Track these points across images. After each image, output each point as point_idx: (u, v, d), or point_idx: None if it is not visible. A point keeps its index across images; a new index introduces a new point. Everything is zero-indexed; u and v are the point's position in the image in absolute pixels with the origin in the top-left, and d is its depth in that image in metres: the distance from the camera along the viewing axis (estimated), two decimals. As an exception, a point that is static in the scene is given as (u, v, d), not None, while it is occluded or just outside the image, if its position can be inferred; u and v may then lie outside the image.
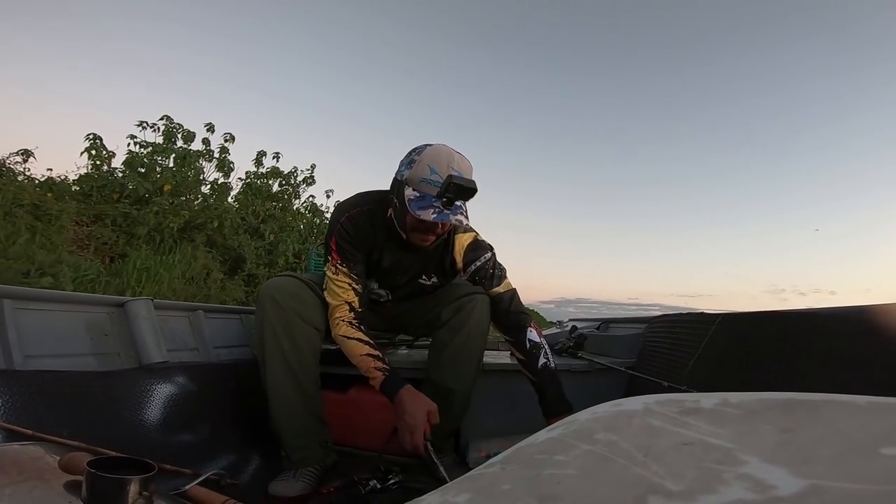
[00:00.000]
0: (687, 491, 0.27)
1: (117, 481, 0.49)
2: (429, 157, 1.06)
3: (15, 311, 1.00)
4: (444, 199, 1.02)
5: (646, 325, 1.75)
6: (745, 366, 1.12)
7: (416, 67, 14.18)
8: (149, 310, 1.24)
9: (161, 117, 4.82)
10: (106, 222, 3.92)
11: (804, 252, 48.19)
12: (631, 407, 0.40)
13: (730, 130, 16.83)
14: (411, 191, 1.06)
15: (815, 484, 0.25)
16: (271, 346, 1.11)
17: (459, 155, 1.09)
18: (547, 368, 1.20)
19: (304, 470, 1.12)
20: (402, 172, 1.10)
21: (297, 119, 12.58)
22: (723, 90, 15.08)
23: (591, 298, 28.10)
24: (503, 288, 1.26)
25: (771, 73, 15.00)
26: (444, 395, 1.18)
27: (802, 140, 17.59)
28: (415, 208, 1.05)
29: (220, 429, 1.30)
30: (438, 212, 1.04)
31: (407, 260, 1.23)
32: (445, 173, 1.04)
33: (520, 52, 14.10)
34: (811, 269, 49.06)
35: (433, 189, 1.04)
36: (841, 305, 0.96)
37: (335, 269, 1.15)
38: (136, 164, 4.45)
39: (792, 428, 0.31)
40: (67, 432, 0.78)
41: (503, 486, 0.35)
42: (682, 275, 53.00)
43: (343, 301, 1.14)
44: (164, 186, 4.31)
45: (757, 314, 1.18)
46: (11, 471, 0.55)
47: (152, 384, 1.18)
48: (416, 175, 1.06)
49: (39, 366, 0.99)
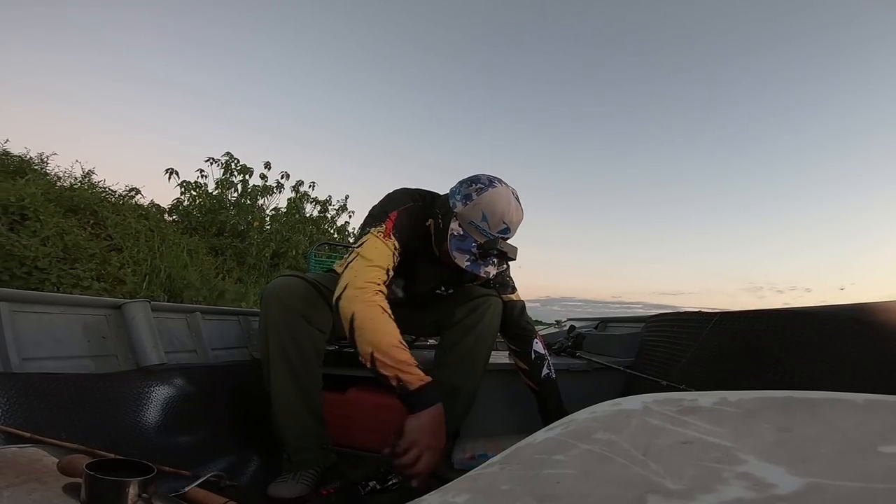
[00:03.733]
0: (686, 490, 0.27)
1: (116, 483, 0.49)
2: (486, 202, 1.04)
3: (12, 314, 0.99)
4: (483, 251, 1.04)
5: (644, 325, 1.75)
6: (744, 364, 1.13)
7: (414, 68, 14.25)
8: (146, 312, 1.24)
9: (224, 153, 5.75)
10: (226, 254, 4.99)
11: (780, 250, 48.52)
12: (630, 406, 0.40)
13: (708, 130, 17.00)
14: (457, 226, 1.06)
15: (814, 482, 0.25)
16: (275, 348, 1.10)
17: (517, 205, 1.08)
18: (549, 379, 1.23)
19: (303, 472, 1.12)
20: (456, 203, 1.08)
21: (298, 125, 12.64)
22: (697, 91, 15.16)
23: (576, 297, 28.27)
24: (515, 297, 1.29)
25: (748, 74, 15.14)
26: (449, 394, 1.18)
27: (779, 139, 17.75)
28: (453, 248, 1.05)
29: (219, 430, 1.30)
30: (473, 261, 1.05)
31: (432, 271, 1.23)
32: (496, 226, 1.04)
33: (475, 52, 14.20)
34: (787, 267, 49.48)
35: (478, 236, 1.05)
36: (838, 304, 0.97)
37: (384, 234, 1.05)
38: (227, 201, 5.59)
39: (790, 426, 0.31)
40: (66, 434, 0.77)
41: (502, 486, 0.35)
42: (662, 273, 53.35)
43: (382, 266, 1.01)
44: (255, 223, 5.45)
45: (755, 312, 1.18)
46: (9, 473, 0.54)
47: (150, 386, 1.18)
48: (468, 215, 1.05)
49: (37, 368, 0.99)
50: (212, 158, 5.60)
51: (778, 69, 14.91)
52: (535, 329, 1.28)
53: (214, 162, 5.62)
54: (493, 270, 1.08)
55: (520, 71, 15.88)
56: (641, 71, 15.34)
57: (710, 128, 17.24)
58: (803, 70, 13.99)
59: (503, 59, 15.75)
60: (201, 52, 10.62)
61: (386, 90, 14.74)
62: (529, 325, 1.28)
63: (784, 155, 19.06)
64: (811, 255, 45.60)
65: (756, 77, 15.14)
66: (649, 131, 18.56)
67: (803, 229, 35.37)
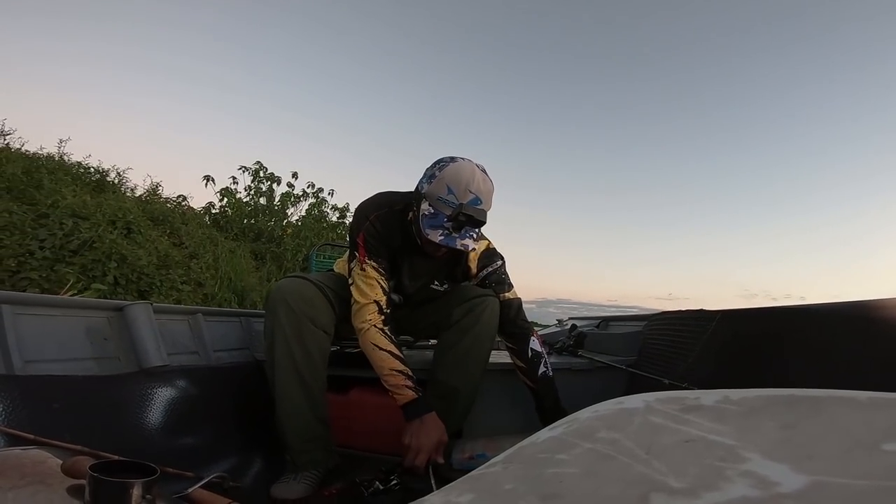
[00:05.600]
0: (690, 488, 0.27)
1: (120, 485, 0.49)
2: (449, 175, 1.05)
3: (15, 317, 1.00)
4: (453, 222, 1.03)
5: (646, 323, 1.75)
6: (746, 362, 1.12)
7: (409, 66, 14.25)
8: (148, 314, 1.24)
9: (255, 162, 6.30)
10: (265, 258, 5.47)
11: (775, 257, 48.15)
12: (632, 405, 0.40)
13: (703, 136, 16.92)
14: (427, 206, 1.07)
15: (818, 480, 0.25)
16: (282, 351, 1.10)
17: (482, 175, 1.08)
18: (546, 377, 1.22)
19: (305, 473, 1.12)
20: (423, 185, 1.10)
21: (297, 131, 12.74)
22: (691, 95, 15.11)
23: (572, 300, 28.32)
24: (511, 295, 1.28)
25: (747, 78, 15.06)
26: (449, 395, 1.18)
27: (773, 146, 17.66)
28: (425, 226, 1.06)
29: (222, 431, 1.30)
30: (446, 235, 1.05)
31: (422, 265, 1.23)
32: (462, 196, 1.04)
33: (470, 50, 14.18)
34: (782, 274, 49.03)
35: (447, 209, 1.05)
36: (840, 301, 0.97)
37: (362, 265, 1.14)
38: (262, 209, 6.17)
39: (794, 424, 0.31)
40: (69, 436, 0.78)
41: (506, 485, 0.35)
42: (658, 278, 52.92)
43: (372, 300, 1.12)
44: (288, 230, 5.90)
45: (757, 310, 1.18)
46: (13, 475, 0.55)
47: (153, 388, 1.18)
48: (434, 192, 1.06)
49: (40, 371, 0.99)
50: (244, 167, 6.22)
51: (775, 74, 14.90)
52: (531, 327, 1.27)
53: (246, 170, 6.25)
54: (470, 243, 1.07)
55: (518, 71, 15.87)
56: (641, 72, 15.31)
57: (709, 133, 17.21)
58: (800, 73, 13.96)
59: (503, 60, 15.75)
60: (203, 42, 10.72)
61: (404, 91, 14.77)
62: (526, 324, 1.27)
63: (780, 161, 19.01)
64: (806, 262, 45.34)
65: (754, 81, 15.12)
66: (649, 136, 18.53)
67: (798, 236, 35.17)
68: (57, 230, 3.11)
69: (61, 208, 3.33)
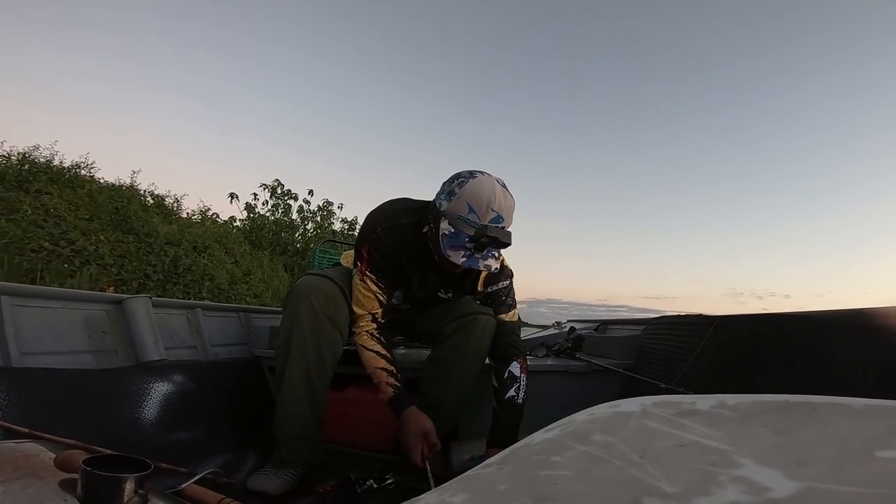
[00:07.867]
0: (682, 493, 0.27)
1: (113, 479, 0.49)
2: (469, 193, 1.01)
3: (13, 308, 1.00)
4: (476, 243, 1.01)
5: (643, 327, 1.75)
6: (742, 368, 1.12)
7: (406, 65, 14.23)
8: (147, 307, 1.24)
9: (273, 180, 7.23)
10: (294, 270, 6.26)
11: (760, 257, 48.26)
12: (628, 408, 0.40)
13: (695, 138, 16.83)
14: (447, 224, 1.03)
15: (810, 486, 0.25)
16: (296, 351, 1.10)
17: (503, 191, 1.04)
18: (512, 402, 1.19)
19: (288, 469, 1.11)
20: (441, 202, 1.05)
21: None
22: (686, 97, 15.10)
23: (562, 299, 28.26)
24: (508, 317, 1.26)
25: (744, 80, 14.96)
26: (433, 406, 1.20)
27: (763, 148, 17.56)
28: (446, 246, 1.03)
29: (217, 427, 1.30)
30: (468, 256, 1.02)
31: (432, 277, 1.22)
32: (484, 215, 1.00)
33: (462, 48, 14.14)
34: (766, 274, 49.12)
35: (468, 229, 1.01)
36: (837, 308, 0.97)
37: (362, 275, 1.14)
38: (284, 225, 7.06)
39: (787, 430, 0.31)
40: (63, 430, 0.77)
41: (500, 486, 0.35)
42: (646, 278, 52.83)
43: (367, 311, 1.15)
44: (310, 245, 6.50)
45: (754, 316, 1.18)
46: (6, 468, 0.55)
47: (150, 382, 1.18)
48: (454, 210, 1.02)
49: (37, 363, 0.99)
50: (264, 184, 7.08)
51: (769, 74, 14.89)
52: (519, 352, 1.24)
53: (266, 187, 7.09)
54: (493, 263, 1.05)
55: (515, 72, 15.86)
56: (640, 74, 15.31)
57: (699, 137, 17.23)
58: (795, 75, 13.95)
59: (502, 60, 15.74)
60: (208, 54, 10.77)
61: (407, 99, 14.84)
62: (513, 347, 1.24)
63: (767, 165, 19.02)
64: (790, 262, 45.44)
65: (751, 83, 15.10)
66: (633, 140, 18.53)
67: (783, 237, 35.26)
68: (164, 256, 4.09)
69: (161, 237, 4.26)
